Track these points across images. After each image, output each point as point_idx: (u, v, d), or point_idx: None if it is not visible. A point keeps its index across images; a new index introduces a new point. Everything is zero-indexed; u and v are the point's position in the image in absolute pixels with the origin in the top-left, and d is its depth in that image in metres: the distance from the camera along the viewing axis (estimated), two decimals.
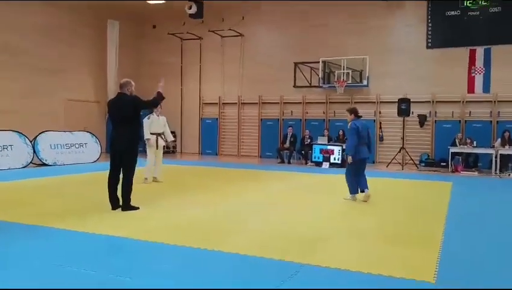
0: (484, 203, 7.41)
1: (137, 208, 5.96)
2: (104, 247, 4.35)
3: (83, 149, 12.88)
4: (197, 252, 4.11)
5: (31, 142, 11.77)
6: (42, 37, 14.94)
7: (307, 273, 3.59)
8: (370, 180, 10.00)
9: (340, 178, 10.44)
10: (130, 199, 5.96)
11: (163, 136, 9.07)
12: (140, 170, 7.27)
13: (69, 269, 3.56)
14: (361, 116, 7.33)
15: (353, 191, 7.11)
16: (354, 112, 7.20)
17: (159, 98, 6.18)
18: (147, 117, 8.78)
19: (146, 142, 8.69)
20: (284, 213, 6.10)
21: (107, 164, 6.10)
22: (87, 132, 13.53)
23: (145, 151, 8.84)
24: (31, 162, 11.65)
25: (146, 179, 8.73)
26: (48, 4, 14.98)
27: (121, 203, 5.96)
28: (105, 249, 4.28)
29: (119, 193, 5.98)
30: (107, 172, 6.04)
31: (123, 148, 5.91)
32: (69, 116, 15.44)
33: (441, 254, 4.11)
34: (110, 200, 5.97)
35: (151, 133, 8.77)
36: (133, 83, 6.18)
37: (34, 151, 11.71)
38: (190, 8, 15.92)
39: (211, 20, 16.81)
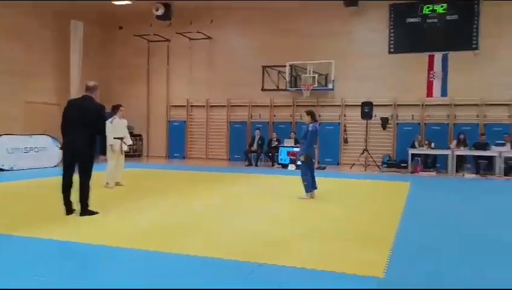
0: (437, 201, 7.76)
1: (97, 213, 5.87)
2: (59, 252, 4.31)
3: (42, 153, 12.52)
4: (156, 255, 4.14)
5: None
6: (2, 39, 14.50)
7: (263, 272, 3.70)
8: (333, 181, 10.27)
9: None
10: (88, 203, 5.84)
11: (125, 140, 8.87)
12: (99, 174, 7.18)
13: (18, 275, 3.53)
14: (317, 120, 7.69)
15: (310, 189, 7.47)
16: (312, 114, 7.60)
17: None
18: (109, 121, 8.37)
19: (109, 147, 8.34)
20: (248, 215, 6.20)
21: None
22: (48, 135, 13.18)
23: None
24: None
25: (108, 183, 8.54)
26: (7, 5, 14.54)
27: (74, 207, 5.80)
28: (59, 255, 4.25)
29: (73, 198, 5.81)
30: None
31: (81, 152, 5.75)
32: (29, 120, 15.01)
33: (392, 251, 4.32)
34: (64, 205, 5.81)
35: (114, 138, 8.49)
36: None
37: None
38: (157, 9, 15.86)
39: (179, 22, 16.77)
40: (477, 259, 4.21)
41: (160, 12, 15.85)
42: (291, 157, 13.66)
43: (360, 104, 14.25)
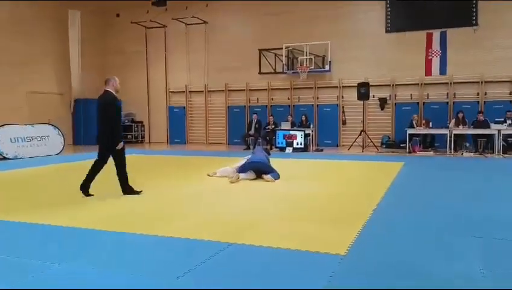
0: (426, 182, 7.70)
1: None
2: (39, 236, 4.45)
3: (45, 142, 12.72)
4: (132, 237, 4.25)
5: None
6: (2, 30, 14.63)
7: (233, 250, 3.80)
8: (325, 163, 10.27)
9: (299, 163, 10.74)
10: None
11: None
12: None
13: None
14: None
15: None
16: None
17: None
18: None
19: None
20: (232, 199, 6.28)
21: (71, 156, 6.04)
22: (50, 124, 13.38)
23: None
24: None
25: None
26: None
27: None
28: (38, 238, 4.38)
29: None
30: (70, 164, 5.96)
31: None
32: (32, 109, 15.27)
33: (361, 231, 4.35)
34: None
35: None
36: None
37: None
38: None
39: (174, 7, 16.71)
40: (444, 238, 4.21)
41: None
42: (288, 140, 13.69)
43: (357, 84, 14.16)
